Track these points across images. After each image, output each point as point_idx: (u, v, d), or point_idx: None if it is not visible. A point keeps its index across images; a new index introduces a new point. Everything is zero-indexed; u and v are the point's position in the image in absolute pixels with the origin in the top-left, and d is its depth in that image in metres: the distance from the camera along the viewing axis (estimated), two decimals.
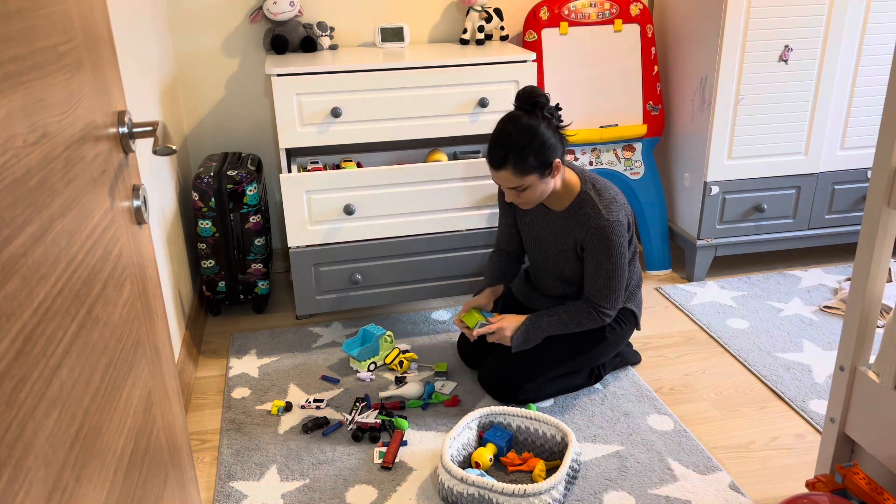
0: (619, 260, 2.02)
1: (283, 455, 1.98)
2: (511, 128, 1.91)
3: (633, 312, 2.21)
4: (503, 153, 1.90)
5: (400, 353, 2.38)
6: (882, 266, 1.50)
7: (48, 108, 0.77)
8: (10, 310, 0.64)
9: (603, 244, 2.00)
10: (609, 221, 1.98)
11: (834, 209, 2.95)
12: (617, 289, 2.05)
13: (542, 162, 1.91)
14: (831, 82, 2.74)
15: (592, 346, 2.14)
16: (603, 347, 2.15)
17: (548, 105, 1.93)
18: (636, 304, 2.22)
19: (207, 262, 2.61)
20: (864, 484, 1.52)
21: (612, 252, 2.00)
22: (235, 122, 2.94)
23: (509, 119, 1.93)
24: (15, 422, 0.63)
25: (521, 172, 1.92)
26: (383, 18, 2.90)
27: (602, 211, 1.99)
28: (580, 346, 2.13)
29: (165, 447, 1.16)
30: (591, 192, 2.03)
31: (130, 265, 1.04)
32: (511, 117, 1.93)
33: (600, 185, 2.05)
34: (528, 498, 1.68)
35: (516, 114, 1.94)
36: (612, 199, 2.02)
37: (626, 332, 2.20)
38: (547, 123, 1.92)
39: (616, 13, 2.83)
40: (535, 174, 1.92)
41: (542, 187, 1.97)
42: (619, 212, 2.01)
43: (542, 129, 1.90)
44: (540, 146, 1.90)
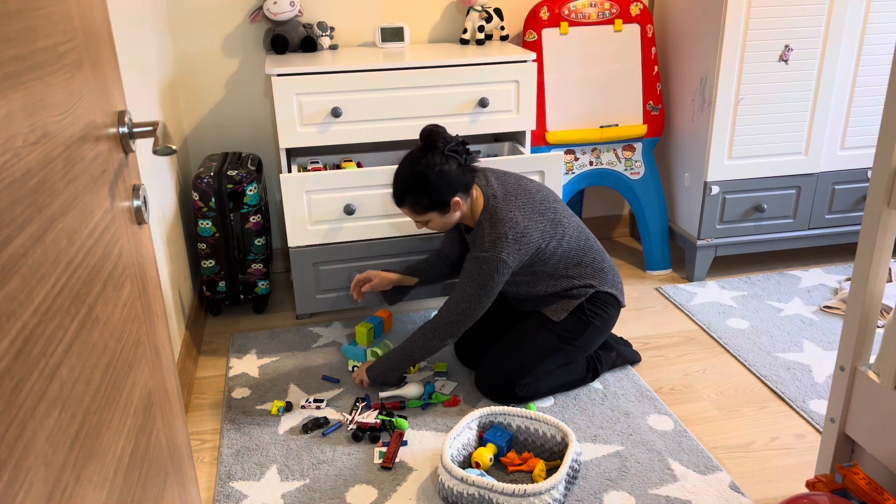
0: (482, 292, 2.02)
1: (283, 455, 1.98)
2: (407, 170, 2.01)
3: (612, 295, 2.18)
4: (400, 192, 2.03)
5: None
6: (882, 266, 1.50)
7: (48, 108, 0.77)
8: (10, 310, 0.64)
9: (474, 272, 2.02)
10: (488, 255, 2.00)
11: (834, 209, 2.95)
12: (466, 317, 2.05)
13: (437, 202, 2.00)
14: (831, 82, 2.74)
15: (579, 333, 2.14)
16: (590, 334, 2.15)
17: (448, 144, 1.97)
18: (610, 284, 2.18)
19: (207, 262, 2.61)
20: (864, 484, 1.52)
21: (480, 282, 2.01)
22: (235, 122, 2.94)
23: (408, 160, 2.02)
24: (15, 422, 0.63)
25: (418, 211, 2.03)
26: (383, 18, 2.90)
27: (486, 244, 2.01)
28: (566, 335, 2.13)
29: (165, 447, 1.16)
30: (485, 224, 2.04)
31: (130, 265, 1.04)
32: (408, 159, 2.02)
33: (499, 217, 2.03)
34: (528, 498, 1.68)
35: (414, 155, 2.01)
36: (504, 234, 2.00)
37: (611, 315, 2.18)
38: (447, 162, 1.96)
39: (616, 13, 2.83)
40: (433, 212, 2.02)
41: (444, 220, 2.06)
42: (504, 248, 1.99)
43: (436, 171, 1.96)
44: (434, 189, 1.98)
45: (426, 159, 1.97)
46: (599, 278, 2.17)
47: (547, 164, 2.57)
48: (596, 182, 3.00)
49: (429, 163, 1.97)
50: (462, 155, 2.00)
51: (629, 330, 2.58)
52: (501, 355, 2.15)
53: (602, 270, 2.18)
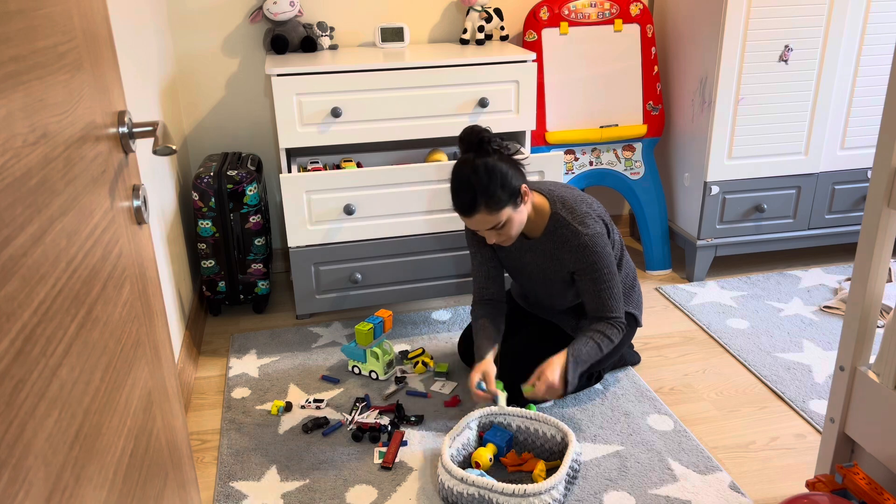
0: (611, 268, 2.01)
1: (283, 455, 1.98)
2: (469, 171, 1.88)
3: (633, 315, 2.20)
4: (471, 197, 1.87)
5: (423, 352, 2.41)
6: (882, 266, 1.50)
7: (48, 108, 0.77)
8: (10, 310, 0.64)
9: (590, 259, 1.99)
10: (588, 236, 1.97)
11: (834, 209, 2.95)
12: (617, 296, 2.04)
13: (510, 193, 1.89)
14: (831, 82, 2.74)
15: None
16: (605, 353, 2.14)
17: (493, 138, 1.92)
18: (634, 305, 2.21)
19: (207, 262, 2.61)
20: (864, 484, 1.52)
21: (601, 264, 1.99)
22: (235, 122, 2.94)
23: (464, 163, 1.91)
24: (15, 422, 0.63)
25: (494, 210, 1.88)
26: (383, 18, 2.90)
27: (578, 228, 1.98)
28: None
29: (165, 447, 1.16)
30: (563, 212, 2.00)
31: (130, 265, 1.04)
32: (464, 161, 1.91)
33: (570, 202, 2.02)
34: (528, 498, 1.68)
35: (467, 157, 1.92)
36: (585, 213, 2.00)
37: (627, 334, 2.19)
38: (499, 156, 1.91)
39: (616, 13, 2.83)
40: (508, 207, 1.90)
41: (519, 218, 1.95)
42: (594, 224, 1.99)
43: (497, 166, 1.89)
44: (503, 178, 1.88)
45: (483, 158, 1.89)
46: (626, 296, 2.18)
47: (547, 164, 2.57)
48: (596, 182, 3.00)
49: (487, 161, 1.89)
50: (510, 150, 1.95)
51: None
52: (512, 363, 2.13)
53: (632, 289, 2.20)
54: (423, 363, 2.35)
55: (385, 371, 2.30)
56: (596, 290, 2.02)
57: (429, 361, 2.37)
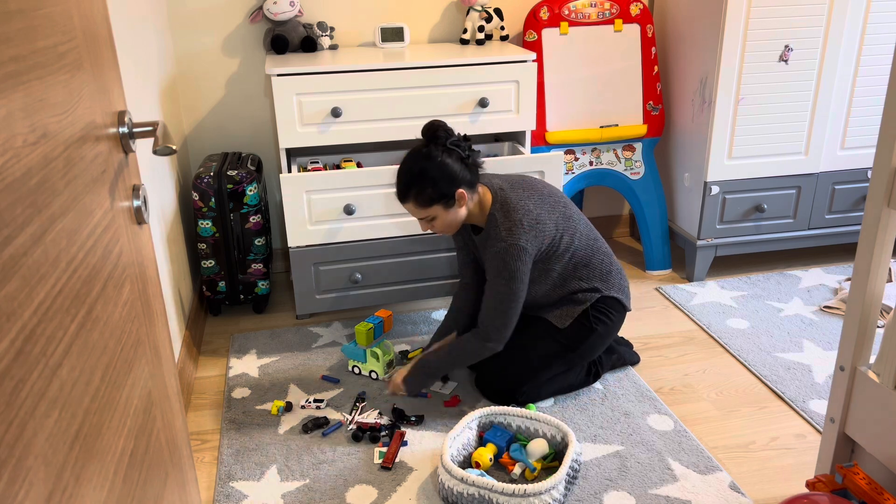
0: (512, 285, 1.98)
1: (283, 455, 1.98)
2: (410, 162, 1.97)
3: (616, 299, 2.16)
4: (404, 186, 1.97)
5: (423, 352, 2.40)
6: (882, 266, 1.50)
7: (48, 108, 0.77)
8: (10, 310, 0.64)
9: (498, 266, 1.98)
10: (506, 244, 1.97)
11: (834, 209, 2.95)
12: (507, 315, 2.01)
13: (441, 194, 1.95)
14: (831, 82, 2.74)
15: (582, 340, 2.12)
16: (593, 341, 2.13)
17: (451, 137, 1.96)
18: (617, 289, 2.16)
19: (207, 262, 2.61)
20: (864, 484, 1.52)
21: (504, 275, 1.98)
22: (235, 122, 2.94)
23: (410, 153, 1.99)
24: (15, 422, 0.63)
25: (422, 204, 1.97)
26: (383, 18, 2.90)
27: (503, 233, 1.98)
28: (570, 342, 2.12)
29: (165, 447, 1.16)
30: (498, 214, 2.01)
31: (130, 265, 1.04)
32: (412, 152, 1.99)
33: (510, 204, 2.01)
34: (528, 498, 1.68)
35: (417, 148, 1.98)
36: (517, 221, 1.98)
37: (615, 320, 2.16)
38: (449, 155, 1.94)
39: (616, 13, 2.83)
40: (437, 205, 1.97)
41: (450, 217, 2.00)
42: (522, 234, 1.97)
43: (439, 162, 1.93)
44: (437, 179, 1.93)
45: (428, 151, 1.96)
46: (606, 282, 2.15)
47: (547, 164, 2.57)
48: (596, 182, 3.00)
49: (430, 154, 1.95)
50: (465, 150, 1.98)
51: (629, 330, 2.58)
52: (504, 361, 2.14)
53: (609, 273, 2.17)
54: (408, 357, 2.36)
55: (385, 371, 2.30)
56: (488, 296, 2.03)
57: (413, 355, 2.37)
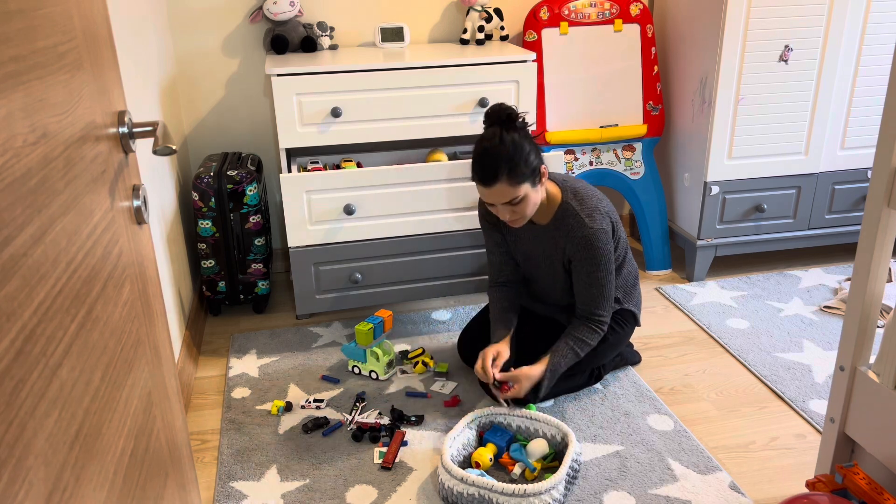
0: (608, 266, 2.03)
1: (283, 455, 1.98)
2: (496, 142, 1.90)
3: (632, 312, 2.21)
4: (494, 166, 1.88)
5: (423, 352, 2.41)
6: (882, 266, 1.50)
7: (48, 108, 0.77)
8: (10, 310, 0.64)
9: (589, 253, 2.01)
10: (592, 230, 1.99)
11: (834, 209, 2.95)
12: (608, 296, 2.06)
13: (532, 169, 1.92)
14: (831, 82, 2.74)
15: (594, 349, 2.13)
16: (604, 349, 2.15)
17: (519, 117, 1.94)
18: (634, 303, 2.22)
19: (207, 262, 2.61)
20: (864, 484, 1.52)
21: (599, 260, 2.01)
22: (235, 122, 2.94)
23: (490, 136, 1.92)
24: (15, 422, 0.63)
25: (515, 182, 1.89)
26: (383, 18, 2.90)
27: (585, 220, 1.99)
28: None
29: (165, 447, 1.16)
30: (573, 202, 2.02)
31: (130, 265, 1.04)
32: (490, 134, 1.93)
33: (581, 194, 2.04)
34: (528, 498, 1.68)
35: (494, 131, 1.93)
36: (595, 207, 2.02)
37: (626, 332, 2.20)
38: (523, 133, 1.93)
39: (616, 13, 2.83)
40: (527, 182, 1.92)
41: (535, 197, 1.96)
42: (601, 220, 2.01)
43: (520, 140, 1.92)
44: (527, 153, 1.91)
45: (510, 131, 1.91)
46: (629, 295, 2.19)
47: (547, 164, 2.57)
48: (596, 182, 3.00)
49: (514, 134, 1.91)
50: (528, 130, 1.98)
51: None
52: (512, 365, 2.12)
53: (634, 287, 2.21)
54: (424, 363, 2.35)
55: (385, 371, 2.30)
56: (587, 284, 2.04)
57: (429, 361, 2.37)
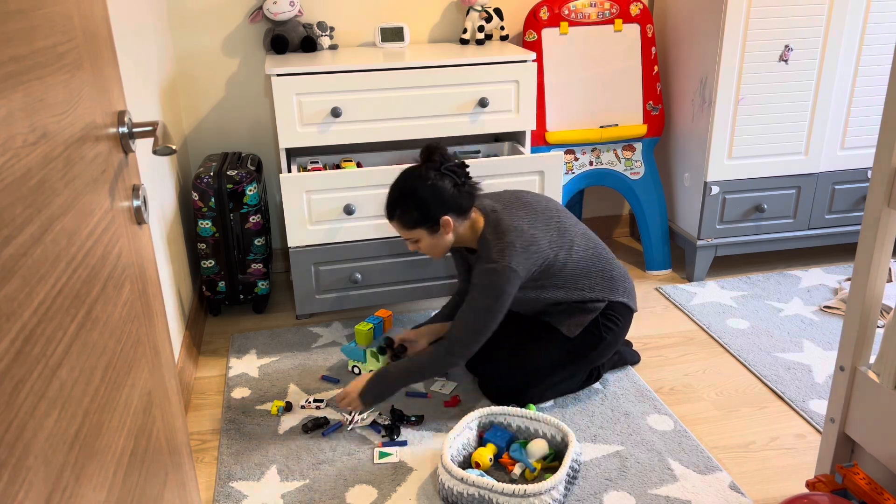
0: (494, 304, 1.95)
1: (283, 455, 1.98)
2: (402, 181, 1.97)
3: (624, 304, 2.15)
4: (391, 205, 1.98)
5: None
6: (882, 266, 1.50)
7: (48, 108, 0.77)
8: (10, 310, 0.64)
9: (484, 284, 1.95)
10: (495, 265, 1.94)
11: (834, 209, 2.95)
12: (478, 333, 1.97)
13: (426, 217, 1.94)
14: (831, 82, 2.74)
15: (591, 348, 2.12)
16: (602, 349, 2.14)
17: (446, 161, 1.94)
18: (622, 293, 2.15)
19: (207, 262, 2.61)
20: (864, 484, 1.52)
21: (491, 293, 1.94)
22: (235, 122, 2.94)
23: (403, 172, 2.00)
24: (15, 422, 0.63)
25: (407, 225, 1.97)
26: (383, 18, 2.90)
27: (493, 255, 1.95)
28: (579, 350, 2.12)
29: (165, 447, 1.16)
30: (490, 237, 1.99)
31: (130, 265, 1.04)
32: (405, 171, 1.99)
33: (503, 228, 1.99)
34: (528, 498, 1.68)
35: (411, 168, 1.98)
36: (509, 243, 1.95)
37: (623, 326, 2.16)
38: (441, 179, 1.93)
39: (616, 13, 2.83)
40: (420, 228, 1.97)
41: (434, 241, 2.00)
42: (514, 257, 1.94)
43: (430, 185, 1.92)
44: (425, 203, 1.93)
45: (420, 171, 1.95)
46: (610, 288, 2.13)
47: (547, 164, 2.57)
48: (596, 182, 3.00)
49: (422, 175, 1.94)
50: (460, 176, 1.96)
51: (629, 330, 2.58)
52: (511, 365, 2.13)
53: (612, 279, 2.14)
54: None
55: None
56: (464, 310, 1.99)
57: None
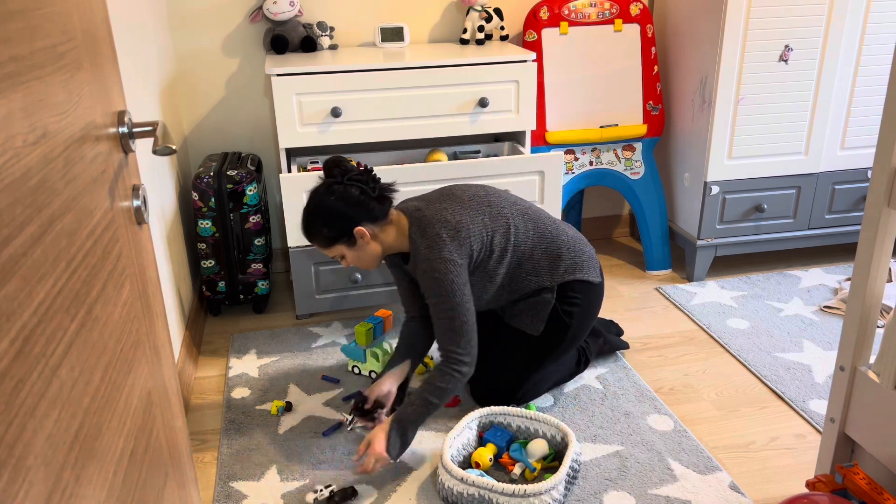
0: (454, 299, 1.88)
1: (283, 455, 1.98)
2: (308, 203, 1.94)
3: (580, 280, 2.05)
4: (304, 228, 1.96)
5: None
6: (882, 266, 1.50)
7: (48, 108, 0.77)
8: (10, 310, 0.64)
9: (432, 284, 1.89)
10: (429, 261, 1.89)
11: (834, 209, 2.95)
12: (464, 329, 1.89)
13: (338, 232, 1.91)
14: (831, 82, 2.74)
15: (562, 336, 2.06)
16: (574, 332, 2.07)
17: (348, 173, 1.90)
18: (574, 269, 2.04)
19: (207, 262, 2.61)
20: (864, 484, 1.52)
21: (442, 290, 1.88)
22: (235, 122, 2.94)
23: (310, 193, 1.96)
24: (15, 422, 0.63)
25: (324, 244, 1.95)
26: (383, 18, 2.90)
27: (423, 251, 1.90)
28: (550, 344, 2.07)
29: (165, 447, 1.16)
30: (416, 236, 1.94)
31: (130, 265, 1.04)
32: (311, 192, 1.95)
33: (425, 223, 1.93)
34: (528, 498, 1.68)
35: (315, 188, 1.94)
36: (436, 234, 1.90)
37: (588, 303, 2.06)
38: (346, 189, 1.88)
39: (616, 13, 2.83)
40: (338, 244, 1.93)
41: (357, 254, 1.96)
42: (443, 246, 1.89)
43: (332, 200, 1.88)
44: (330, 219, 1.90)
45: (321, 189, 1.91)
46: (554, 269, 2.03)
47: (547, 164, 2.57)
48: (596, 182, 3.00)
49: (325, 192, 1.90)
50: (366, 183, 1.90)
51: (629, 330, 2.58)
52: (495, 370, 2.11)
53: (558, 258, 2.03)
54: (424, 363, 2.35)
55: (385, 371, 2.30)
56: (437, 318, 1.92)
57: (428, 362, 2.37)
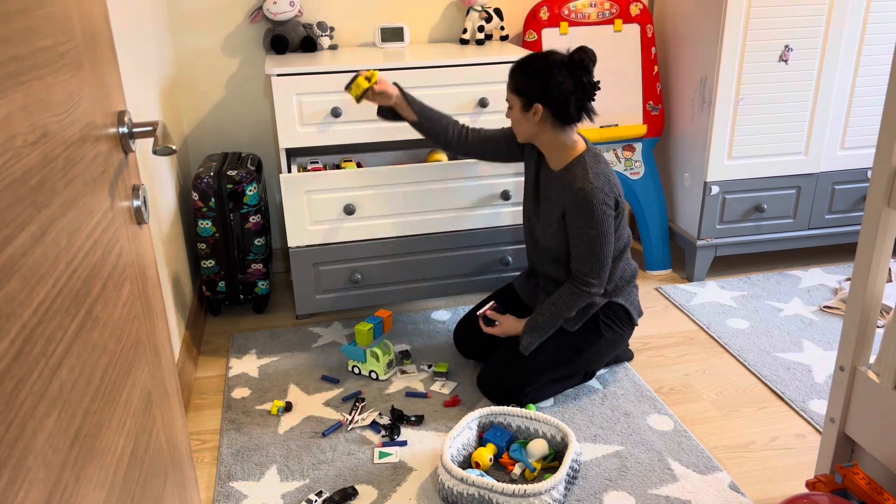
0: (602, 227, 1.99)
1: (283, 455, 1.98)
2: (543, 53, 2.02)
3: (626, 310, 2.16)
4: (516, 64, 2.03)
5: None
6: (882, 266, 1.50)
7: (48, 108, 0.77)
8: (10, 310, 0.64)
9: (584, 207, 1.98)
10: (591, 186, 1.97)
11: (834, 209, 2.95)
12: (598, 258, 2.02)
13: (528, 88, 1.98)
14: (831, 82, 2.74)
15: (590, 345, 2.12)
16: (600, 347, 2.14)
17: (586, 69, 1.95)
18: (628, 301, 2.17)
19: (207, 262, 2.61)
20: (864, 484, 1.52)
21: (593, 217, 1.98)
22: (235, 122, 2.94)
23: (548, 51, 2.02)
24: (15, 422, 0.63)
25: (511, 86, 2.03)
26: (383, 18, 2.90)
27: (589, 175, 1.99)
28: (577, 348, 2.12)
29: (165, 447, 1.16)
30: (588, 159, 2.03)
31: (130, 265, 1.04)
32: (550, 51, 2.01)
33: (600, 159, 2.05)
34: (528, 498, 1.68)
35: (556, 52, 2.00)
36: (605, 173, 2.01)
37: (623, 333, 2.17)
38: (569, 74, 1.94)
39: (616, 13, 2.83)
40: (518, 98, 2.01)
41: (520, 117, 2.03)
42: (605, 185, 1.99)
43: (548, 69, 1.95)
44: (533, 75, 1.97)
45: (559, 59, 1.96)
46: (622, 288, 2.16)
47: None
48: None
49: (551, 59, 1.96)
50: (585, 91, 1.96)
51: None
52: (509, 361, 2.13)
53: (629, 283, 2.18)
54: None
55: (385, 371, 2.30)
56: (578, 242, 2.03)
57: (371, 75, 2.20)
